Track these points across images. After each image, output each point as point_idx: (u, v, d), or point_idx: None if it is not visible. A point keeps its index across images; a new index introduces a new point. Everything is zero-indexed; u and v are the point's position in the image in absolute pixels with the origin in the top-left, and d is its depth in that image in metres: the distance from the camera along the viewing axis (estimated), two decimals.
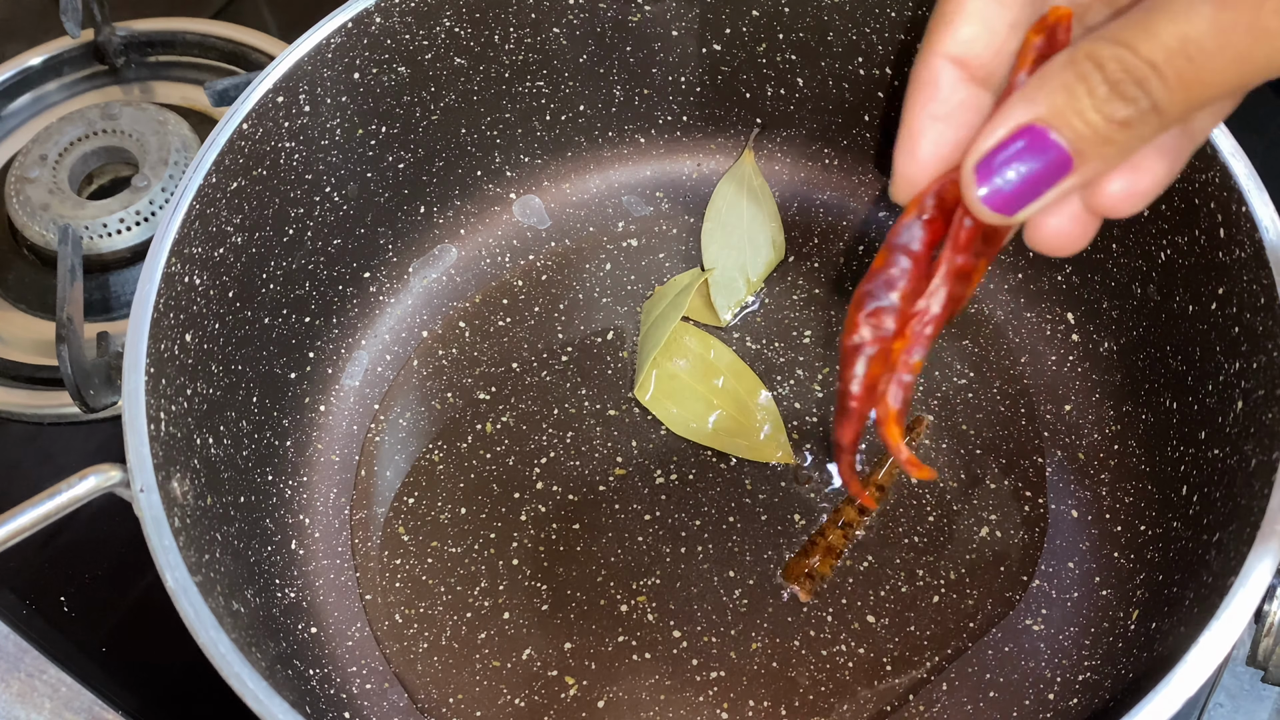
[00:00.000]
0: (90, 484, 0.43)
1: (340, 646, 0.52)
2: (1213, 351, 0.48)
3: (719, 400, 0.56)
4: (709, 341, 0.58)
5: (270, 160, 0.52)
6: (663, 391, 0.57)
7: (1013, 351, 0.57)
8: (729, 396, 0.56)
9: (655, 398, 0.56)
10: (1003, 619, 0.50)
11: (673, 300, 0.58)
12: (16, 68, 0.76)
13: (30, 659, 0.53)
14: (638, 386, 0.57)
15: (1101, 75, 0.30)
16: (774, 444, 0.55)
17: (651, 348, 0.57)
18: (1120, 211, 0.34)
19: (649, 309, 0.59)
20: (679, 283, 0.60)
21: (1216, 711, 0.51)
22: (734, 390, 0.56)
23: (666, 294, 0.59)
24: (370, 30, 0.54)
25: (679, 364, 0.57)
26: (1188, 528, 0.48)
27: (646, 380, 0.57)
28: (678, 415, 0.56)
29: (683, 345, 0.57)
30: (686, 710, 0.49)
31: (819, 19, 0.58)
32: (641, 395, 0.57)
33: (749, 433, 0.55)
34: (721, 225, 0.60)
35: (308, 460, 0.56)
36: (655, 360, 0.57)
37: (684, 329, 0.58)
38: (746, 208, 0.61)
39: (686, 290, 0.58)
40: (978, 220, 0.33)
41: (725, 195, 0.61)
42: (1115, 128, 0.30)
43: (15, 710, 0.51)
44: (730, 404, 0.56)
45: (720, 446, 0.55)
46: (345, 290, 0.59)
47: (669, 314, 0.57)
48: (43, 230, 0.67)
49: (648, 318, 0.59)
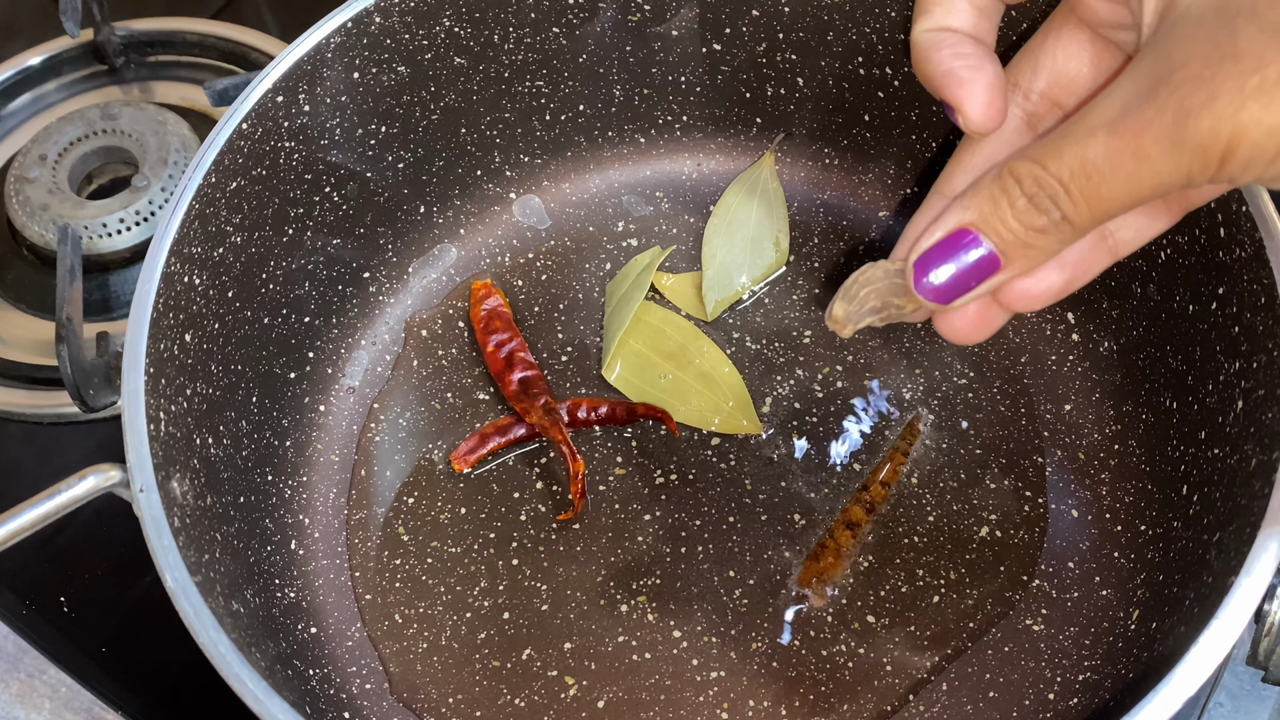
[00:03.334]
0: (90, 484, 0.43)
1: (340, 646, 0.52)
2: (1213, 351, 0.48)
3: (686, 375, 0.56)
4: (672, 319, 0.58)
5: (270, 160, 0.52)
6: (629, 369, 0.57)
7: (1013, 351, 0.57)
8: (695, 371, 0.56)
9: (622, 376, 0.57)
10: (1003, 619, 0.50)
11: (635, 280, 0.59)
12: (16, 68, 0.76)
13: (30, 659, 0.53)
14: (605, 367, 0.57)
15: (1020, 189, 0.35)
16: (741, 415, 0.55)
17: (617, 328, 0.57)
18: (1018, 308, 0.40)
19: (612, 290, 0.59)
20: (640, 262, 0.60)
21: (1216, 711, 0.51)
22: (699, 366, 0.57)
23: (629, 274, 0.59)
24: (370, 30, 0.54)
25: (644, 342, 0.57)
26: (1188, 528, 0.48)
27: (613, 361, 0.57)
28: (645, 393, 0.56)
29: (647, 324, 0.58)
30: (686, 710, 0.49)
31: (819, 19, 0.58)
32: (609, 375, 0.57)
33: (717, 406, 0.56)
34: (728, 222, 0.60)
35: (307, 460, 0.56)
36: (622, 340, 0.57)
37: (648, 308, 0.58)
38: (756, 209, 0.61)
39: (648, 269, 0.59)
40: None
41: (738, 193, 0.61)
42: (1034, 234, 0.36)
43: (15, 710, 0.51)
44: (697, 379, 0.56)
45: (690, 421, 0.55)
46: (345, 290, 0.59)
47: (632, 294, 0.58)
48: (42, 230, 0.67)
49: (611, 299, 0.59)
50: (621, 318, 0.57)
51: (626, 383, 0.57)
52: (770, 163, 0.62)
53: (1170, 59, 0.32)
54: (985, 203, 0.36)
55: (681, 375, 0.57)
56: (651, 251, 0.61)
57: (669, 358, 0.57)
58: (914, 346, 0.58)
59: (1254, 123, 0.30)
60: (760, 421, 0.56)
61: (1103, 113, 0.33)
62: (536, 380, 0.56)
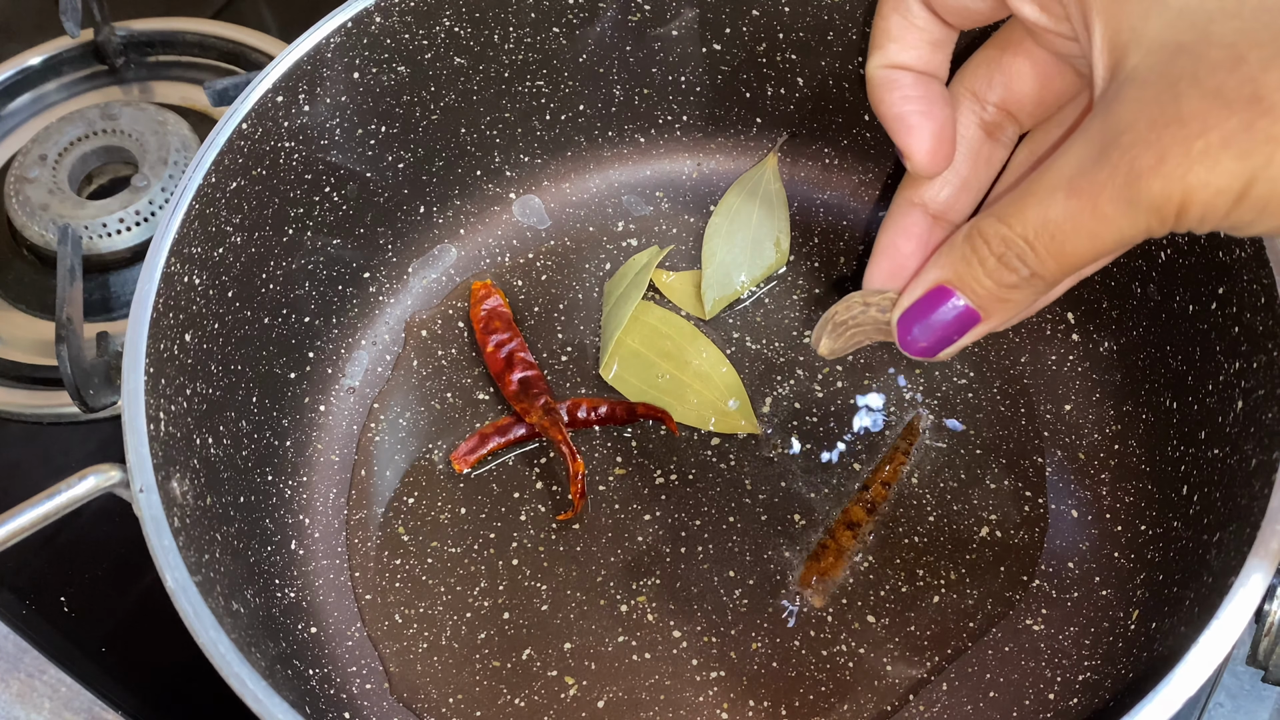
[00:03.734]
0: (90, 484, 0.43)
1: (340, 646, 0.52)
2: (1213, 351, 0.48)
3: (684, 375, 0.56)
4: (671, 319, 0.58)
5: (270, 160, 0.52)
6: (627, 369, 0.57)
7: (1013, 351, 0.57)
8: (693, 371, 0.56)
9: (619, 375, 0.57)
10: (1003, 619, 0.50)
11: (633, 279, 0.59)
12: (16, 67, 0.76)
13: (30, 659, 0.53)
14: (603, 366, 0.57)
15: (989, 249, 0.37)
16: (740, 416, 0.55)
17: (615, 327, 0.57)
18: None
19: (610, 290, 0.59)
20: (638, 262, 0.60)
21: (1216, 711, 0.51)
22: (697, 366, 0.57)
23: (627, 273, 0.59)
24: (370, 30, 0.54)
25: (642, 342, 0.57)
26: (1188, 528, 0.48)
27: (611, 360, 0.57)
28: (643, 392, 0.56)
29: (645, 323, 0.58)
30: (686, 710, 0.49)
31: (819, 19, 0.58)
32: (606, 374, 0.57)
33: (714, 406, 0.56)
34: (729, 221, 0.60)
35: (307, 460, 0.56)
36: (619, 340, 0.57)
37: (646, 307, 0.58)
38: (758, 210, 0.61)
39: (646, 269, 0.59)
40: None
41: (740, 193, 0.61)
42: (1007, 290, 0.37)
43: (15, 710, 0.51)
44: (695, 378, 0.56)
45: (687, 421, 0.56)
46: (345, 290, 0.59)
47: (630, 293, 0.58)
48: (42, 230, 0.67)
49: (609, 298, 0.59)
50: (619, 317, 0.57)
51: (624, 382, 0.57)
52: (773, 163, 0.62)
53: (1120, 121, 0.33)
54: (959, 262, 0.38)
55: (679, 375, 0.56)
56: (649, 251, 0.61)
57: (667, 357, 0.57)
58: None
59: (1201, 185, 0.31)
60: (759, 421, 0.56)
61: (1060, 171, 0.34)
62: (536, 380, 0.56)
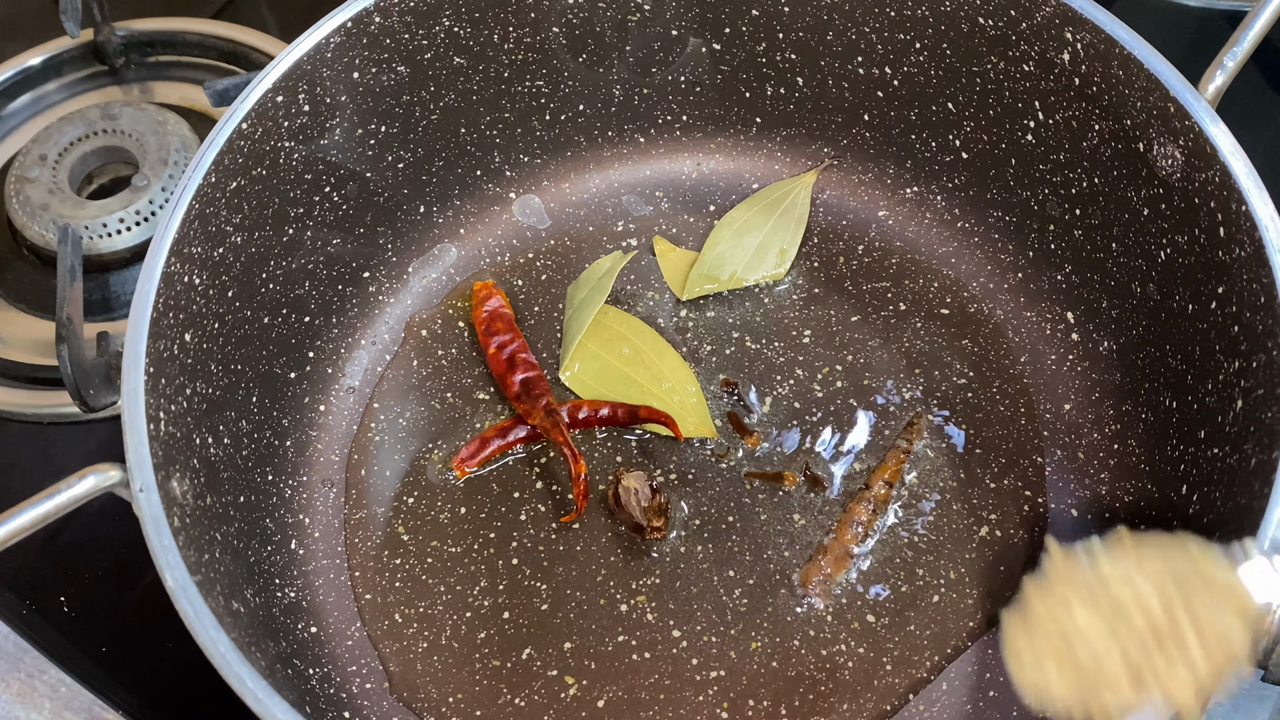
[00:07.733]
0: (90, 484, 0.43)
1: (340, 646, 0.52)
2: (1212, 351, 0.48)
3: (642, 379, 0.56)
4: (633, 324, 0.58)
5: (270, 160, 0.52)
6: (586, 372, 0.57)
7: (1013, 351, 0.57)
8: (651, 375, 0.57)
9: (576, 377, 0.57)
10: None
11: (596, 284, 0.59)
12: (16, 68, 0.76)
13: (30, 659, 0.53)
14: (562, 367, 0.57)
15: None
16: (692, 417, 0.56)
17: (576, 331, 0.57)
18: None
19: (573, 294, 0.60)
20: (601, 266, 0.60)
21: (1216, 711, 0.51)
22: (657, 370, 0.57)
23: (590, 278, 0.60)
24: (370, 30, 0.54)
25: (603, 346, 0.58)
26: (1188, 527, 0.48)
27: (571, 361, 0.57)
28: (600, 394, 0.57)
29: (607, 328, 0.58)
30: (686, 710, 0.49)
31: (819, 19, 0.58)
32: (564, 375, 0.57)
33: (673, 410, 0.56)
34: (745, 219, 0.61)
35: (307, 460, 0.56)
36: (581, 343, 0.57)
37: (608, 311, 0.59)
38: (777, 219, 0.61)
39: (609, 274, 0.59)
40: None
41: (768, 197, 0.61)
42: None
43: (15, 710, 0.51)
44: (652, 382, 0.56)
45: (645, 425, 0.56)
46: (345, 290, 0.59)
47: (593, 298, 0.58)
48: (42, 230, 0.67)
49: (571, 302, 0.59)
50: (581, 321, 0.57)
51: (582, 384, 0.57)
52: (810, 181, 0.62)
53: None
54: None
55: (637, 379, 0.57)
56: (613, 257, 0.61)
57: (626, 362, 0.57)
58: (914, 346, 0.58)
59: None
60: (715, 425, 0.56)
61: None
62: (538, 381, 0.56)
